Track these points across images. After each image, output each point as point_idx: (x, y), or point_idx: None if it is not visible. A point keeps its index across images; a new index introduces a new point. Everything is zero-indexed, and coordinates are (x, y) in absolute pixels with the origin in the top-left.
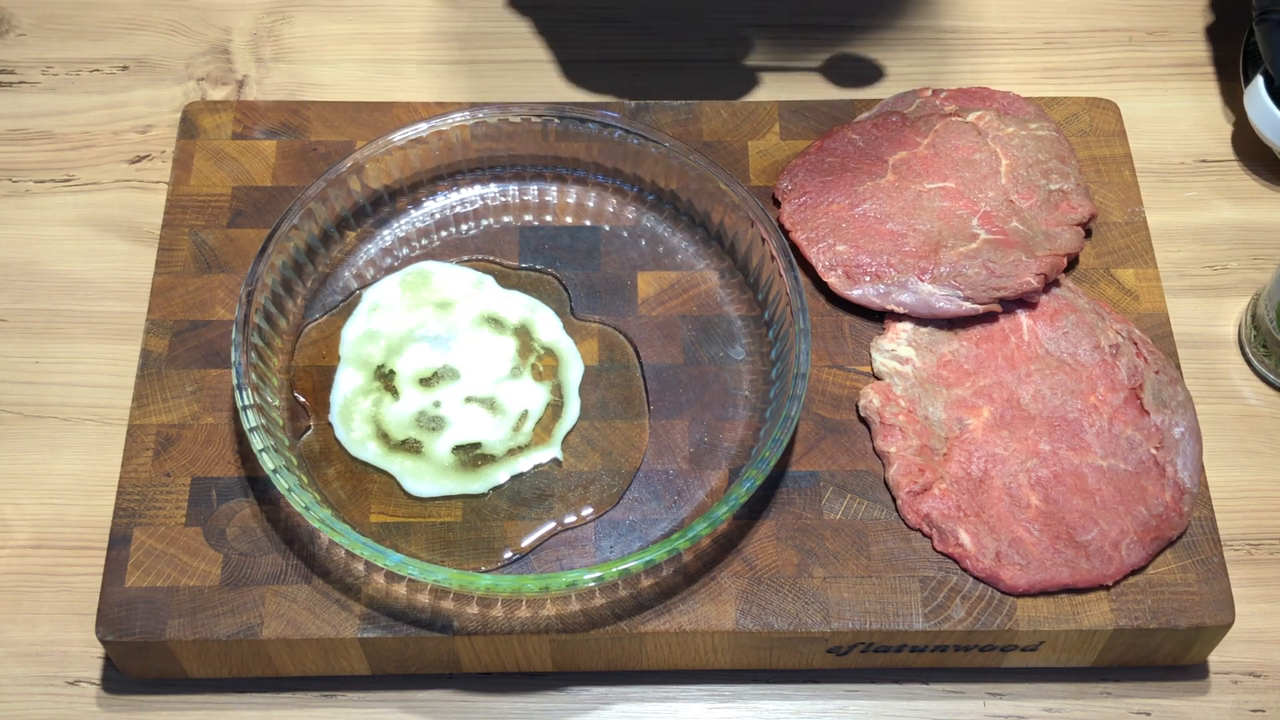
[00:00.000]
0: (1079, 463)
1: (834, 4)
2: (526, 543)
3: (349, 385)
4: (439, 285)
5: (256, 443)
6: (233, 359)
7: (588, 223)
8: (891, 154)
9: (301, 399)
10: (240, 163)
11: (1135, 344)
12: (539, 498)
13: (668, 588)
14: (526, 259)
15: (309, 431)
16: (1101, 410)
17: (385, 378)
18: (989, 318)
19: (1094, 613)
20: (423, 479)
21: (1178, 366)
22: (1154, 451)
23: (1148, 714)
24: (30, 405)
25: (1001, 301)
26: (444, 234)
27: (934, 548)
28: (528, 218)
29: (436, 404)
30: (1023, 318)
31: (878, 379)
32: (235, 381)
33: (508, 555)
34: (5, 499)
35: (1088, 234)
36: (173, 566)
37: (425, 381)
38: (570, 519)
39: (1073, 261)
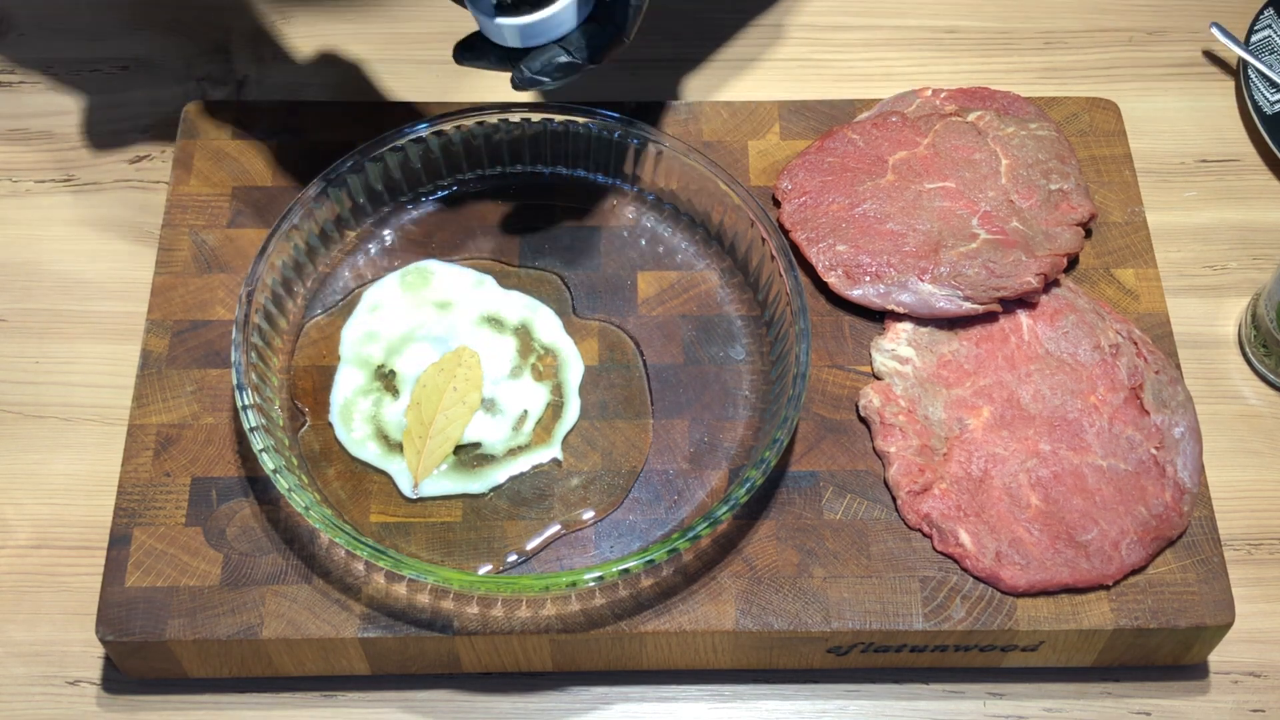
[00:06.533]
0: (1079, 463)
1: (834, 4)
2: (531, 545)
3: (349, 385)
4: (439, 285)
5: (256, 443)
6: (233, 359)
7: (588, 223)
8: (891, 154)
9: (300, 404)
10: (240, 163)
11: (1135, 344)
12: (539, 498)
13: (668, 588)
14: (526, 259)
15: (305, 427)
16: (1101, 410)
17: (385, 378)
18: (989, 318)
19: (1094, 613)
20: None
21: (1178, 366)
22: (1154, 451)
23: (1148, 714)
24: (30, 405)
25: (1001, 301)
26: (444, 234)
27: (934, 548)
28: (528, 218)
29: None
30: (1023, 318)
31: (878, 379)
32: (235, 381)
33: (511, 559)
34: (5, 499)
35: (1088, 234)
36: (173, 566)
37: None
38: (571, 520)
39: (1073, 261)
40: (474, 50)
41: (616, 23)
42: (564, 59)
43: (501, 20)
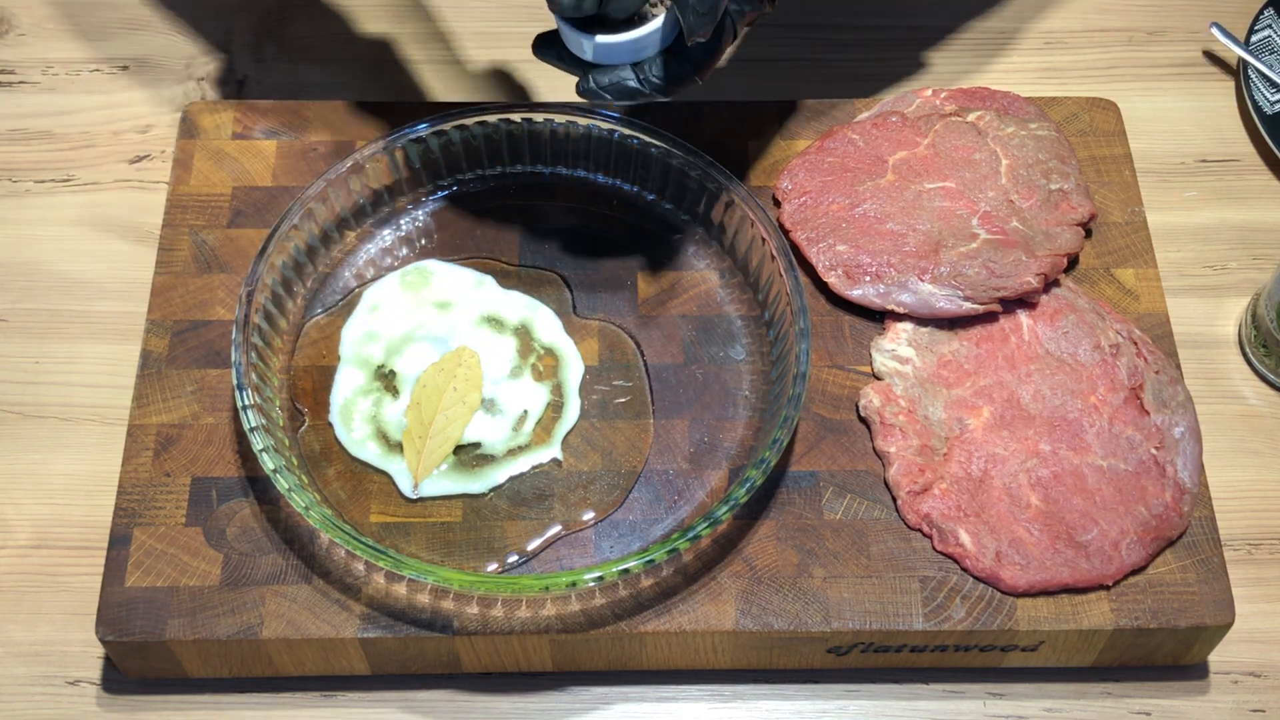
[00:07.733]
0: (1079, 463)
1: (835, 4)
2: (531, 545)
3: (349, 385)
4: (439, 285)
5: (257, 443)
6: (233, 359)
7: (588, 223)
8: (891, 154)
9: (300, 404)
10: (240, 163)
11: (1135, 344)
12: (539, 498)
13: (668, 588)
14: (526, 259)
15: (305, 427)
16: (1101, 410)
17: (385, 378)
18: (989, 318)
19: (1094, 613)
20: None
21: (1178, 366)
22: (1154, 451)
23: (1148, 714)
24: (30, 405)
25: (1001, 301)
26: (444, 234)
27: (934, 548)
28: (528, 218)
29: None
30: (1023, 318)
31: (878, 379)
32: (235, 381)
33: (512, 559)
34: (5, 499)
35: (1088, 234)
36: (173, 566)
37: None
38: (572, 520)
39: (1073, 261)
40: (551, 48)
41: (693, 61)
42: (632, 83)
43: (579, 33)
